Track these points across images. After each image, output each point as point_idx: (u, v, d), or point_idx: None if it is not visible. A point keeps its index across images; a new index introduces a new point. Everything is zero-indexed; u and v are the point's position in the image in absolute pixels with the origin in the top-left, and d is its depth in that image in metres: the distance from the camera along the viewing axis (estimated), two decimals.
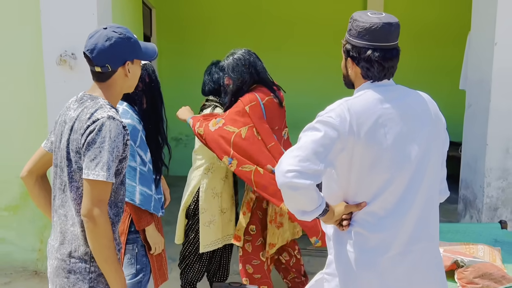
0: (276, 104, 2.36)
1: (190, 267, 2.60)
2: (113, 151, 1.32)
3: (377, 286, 1.38)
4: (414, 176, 1.35)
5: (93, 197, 1.30)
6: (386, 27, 1.34)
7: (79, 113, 1.38)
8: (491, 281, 2.22)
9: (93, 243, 1.33)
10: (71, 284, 1.38)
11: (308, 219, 1.35)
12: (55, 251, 1.43)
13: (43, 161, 1.55)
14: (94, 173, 1.30)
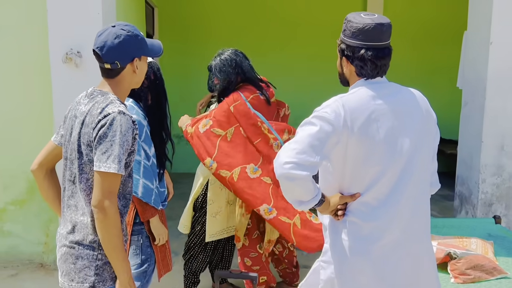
0: (263, 101, 2.46)
1: (195, 258, 2.68)
2: (123, 144, 1.37)
3: (370, 274, 1.45)
4: (406, 169, 1.43)
5: (104, 189, 1.36)
6: (378, 28, 1.41)
7: (90, 107, 1.43)
8: (483, 272, 2.29)
9: (103, 233, 1.38)
10: (77, 270, 1.43)
11: (305, 208, 1.43)
12: (64, 238, 1.49)
13: (53, 154, 1.59)
14: (106, 165, 1.35)
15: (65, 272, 1.46)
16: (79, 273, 1.43)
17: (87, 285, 1.41)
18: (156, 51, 1.57)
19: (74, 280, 1.43)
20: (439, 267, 2.44)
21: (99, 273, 1.43)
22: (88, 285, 1.41)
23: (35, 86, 3.19)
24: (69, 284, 1.44)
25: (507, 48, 3.17)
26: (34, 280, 3.13)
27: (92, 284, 1.41)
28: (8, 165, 3.27)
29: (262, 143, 2.39)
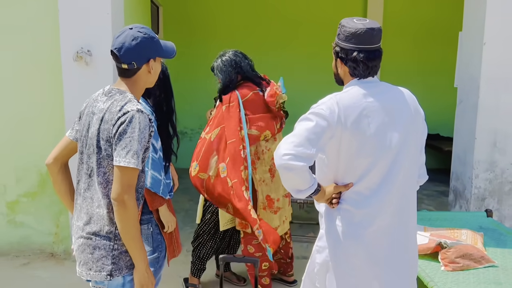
0: (262, 96, 2.61)
1: (203, 245, 2.81)
2: (141, 141, 1.44)
3: (363, 257, 1.59)
4: (395, 161, 1.56)
5: (123, 183, 1.42)
6: (369, 32, 1.54)
7: (109, 105, 1.50)
8: (471, 261, 2.42)
9: (122, 224, 1.44)
10: (95, 260, 1.50)
11: (302, 196, 1.57)
12: (80, 230, 1.55)
13: (68, 149, 1.65)
14: (125, 160, 1.41)
15: (83, 261, 1.54)
16: (96, 263, 1.50)
17: (105, 273, 1.49)
18: (170, 52, 1.64)
19: (92, 269, 1.51)
20: (431, 256, 2.58)
21: (115, 262, 1.51)
22: (105, 273, 1.49)
23: (47, 84, 3.32)
24: (87, 273, 1.52)
25: (500, 49, 3.29)
26: (45, 269, 3.27)
27: (109, 273, 1.50)
28: (21, 159, 3.40)
29: (234, 144, 2.53)
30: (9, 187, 3.43)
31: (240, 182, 2.47)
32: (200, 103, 6.14)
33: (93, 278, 1.52)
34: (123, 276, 1.53)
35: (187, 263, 3.34)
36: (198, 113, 6.29)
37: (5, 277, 3.12)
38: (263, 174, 2.64)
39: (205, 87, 5.99)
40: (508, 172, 3.44)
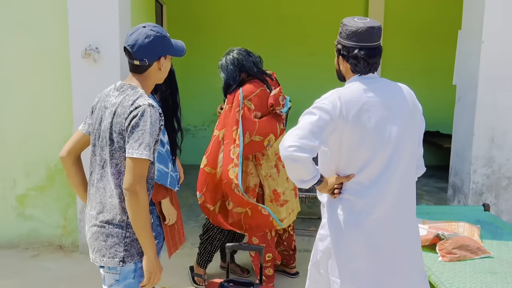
0: (268, 93, 2.68)
1: (213, 238, 2.88)
2: (152, 133, 1.50)
3: (363, 244, 1.67)
4: (394, 153, 1.64)
5: (136, 173, 1.47)
6: (369, 30, 1.62)
7: (121, 99, 1.56)
8: (468, 252, 2.51)
9: (133, 213, 1.50)
10: (108, 247, 1.57)
11: (305, 186, 1.65)
12: (94, 219, 1.62)
13: (81, 143, 1.72)
14: (138, 152, 1.47)
15: (96, 248, 1.61)
16: (109, 249, 1.58)
17: (117, 259, 1.57)
18: (180, 51, 1.71)
19: (105, 255, 1.58)
20: (429, 248, 2.67)
21: (127, 249, 1.58)
22: (118, 259, 1.57)
23: (55, 80, 3.39)
24: (100, 260, 1.60)
25: (498, 47, 3.36)
26: (54, 261, 3.36)
27: (121, 259, 1.57)
28: (30, 153, 3.49)
29: (227, 145, 2.62)
30: (18, 181, 3.52)
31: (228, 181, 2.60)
32: (202, 101, 6.23)
33: (106, 264, 1.59)
34: (134, 263, 1.60)
35: (192, 255, 3.43)
36: (201, 110, 6.38)
37: (15, 269, 3.21)
38: (269, 169, 2.72)
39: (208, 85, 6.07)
40: (506, 167, 3.52)
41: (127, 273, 1.60)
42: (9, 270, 3.19)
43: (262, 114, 2.67)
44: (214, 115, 6.88)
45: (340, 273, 1.69)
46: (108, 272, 1.61)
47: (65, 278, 3.08)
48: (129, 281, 1.60)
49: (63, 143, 3.54)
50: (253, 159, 2.73)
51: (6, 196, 3.53)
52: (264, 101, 2.67)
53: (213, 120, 6.57)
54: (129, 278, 1.60)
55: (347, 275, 1.68)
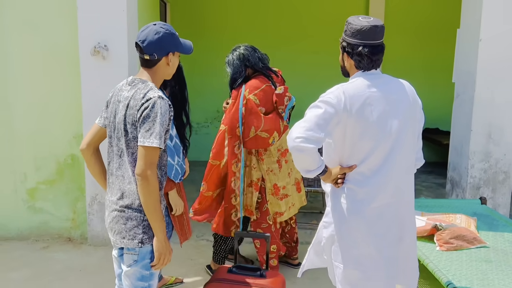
0: (273, 90, 2.78)
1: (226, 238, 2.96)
2: (163, 123, 1.62)
3: (365, 231, 1.77)
4: (394, 145, 1.74)
5: (147, 160, 1.58)
6: (373, 29, 1.71)
7: (133, 93, 1.67)
8: (464, 242, 2.61)
9: (145, 198, 1.61)
10: (127, 229, 1.69)
11: (311, 176, 1.75)
12: (114, 204, 1.73)
13: (98, 135, 1.84)
14: (149, 141, 1.58)
15: (116, 231, 1.72)
16: (129, 232, 1.69)
17: (136, 241, 1.68)
18: (187, 49, 1.84)
19: (125, 237, 1.69)
20: (427, 238, 2.77)
21: (145, 231, 1.69)
22: (137, 241, 1.68)
23: (65, 77, 3.49)
24: (121, 241, 1.71)
25: (495, 45, 3.47)
26: (64, 252, 3.46)
27: (140, 240, 1.68)
28: (40, 148, 3.58)
29: (231, 140, 2.73)
30: (29, 175, 3.62)
31: (230, 174, 2.73)
32: (205, 98, 6.32)
33: (126, 245, 1.70)
34: (151, 244, 1.71)
35: (197, 247, 3.55)
36: (204, 107, 6.46)
37: (27, 260, 3.32)
38: (271, 164, 2.81)
39: (211, 82, 6.20)
40: (502, 162, 3.62)
41: (145, 254, 1.70)
42: (21, 261, 3.29)
43: (266, 110, 2.76)
44: (217, 112, 7.01)
45: (343, 259, 1.79)
46: (127, 253, 1.71)
47: (75, 269, 3.18)
48: (146, 261, 1.71)
49: (73, 138, 3.66)
50: (256, 154, 2.83)
51: (17, 189, 3.63)
52: (269, 97, 2.76)
53: (215, 117, 6.66)
54: (146, 259, 1.71)
55: (349, 260, 1.78)
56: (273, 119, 2.75)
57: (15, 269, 3.16)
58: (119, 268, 1.83)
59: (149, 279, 1.73)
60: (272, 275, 1.95)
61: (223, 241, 2.99)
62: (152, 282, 1.75)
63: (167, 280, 2.89)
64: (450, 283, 2.16)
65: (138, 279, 1.72)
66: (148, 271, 1.72)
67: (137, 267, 1.71)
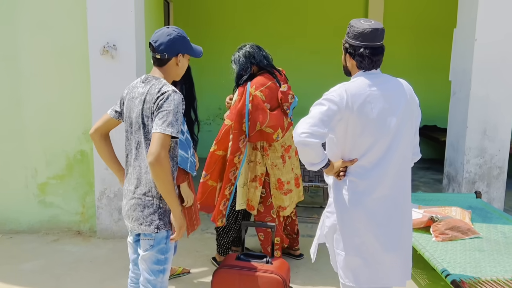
0: (278, 87, 2.90)
1: (229, 229, 3.07)
2: (176, 114, 1.73)
3: (365, 220, 1.89)
4: (393, 140, 1.86)
5: (159, 144, 1.67)
6: (374, 32, 1.83)
7: (148, 88, 1.80)
8: (459, 233, 2.74)
9: (159, 180, 1.70)
10: (144, 216, 1.81)
11: (315, 169, 1.87)
12: (131, 193, 1.86)
13: (107, 124, 1.97)
14: (161, 128, 1.69)
15: (134, 218, 1.84)
16: (146, 218, 1.81)
17: (153, 227, 1.80)
18: (197, 53, 1.97)
19: (142, 224, 1.82)
20: (424, 229, 2.91)
21: (161, 218, 1.81)
22: (154, 227, 1.80)
23: (75, 76, 3.60)
24: (138, 227, 1.83)
25: (490, 44, 3.59)
26: (74, 244, 3.58)
27: (156, 226, 1.81)
28: (50, 144, 3.70)
29: (237, 135, 2.84)
30: (39, 170, 3.74)
31: (230, 165, 2.84)
32: (208, 96, 6.43)
33: (143, 231, 1.82)
34: (166, 230, 1.83)
35: (202, 240, 3.68)
36: (206, 105, 6.58)
37: (39, 251, 3.44)
38: (276, 159, 2.93)
39: (213, 81, 6.32)
40: (497, 158, 3.75)
41: (160, 239, 1.83)
42: (33, 252, 3.42)
43: (271, 107, 2.87)
44: (219, 110, 7.13)
45: (344, 246, 1.92)
46: (144, 238, 1.84)
47: (85, 260, 3.30)
48: (162, 246, 1.84)
49: (82, 135, 3.79)
50: (261, 149, 2.95)
51: (28, 184, 3.75)
52: (274, 94, 2.87)
53: (217, 115, 6.79)
54: (161, 244, 1.83)
55: (351, 248, 1.91)
56: (278, 115, 2.86)
57: (28, 260, 3.28)
58: (134, 254, 1.96)
59: (164, 263, 1.86)
60: (278, 261, 2.07)
61: (225, 233, 3.11)
62: (166, 266, 1.87)
63: (174, 270, 3.02)
64: (445, 270, 2.30)
65: (154, 262, 1.84)
66: (163, 255, 1.85)
67: (153, 252, 1.83)
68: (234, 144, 2.83)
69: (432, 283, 2.91)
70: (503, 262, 2.41)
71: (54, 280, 2.98)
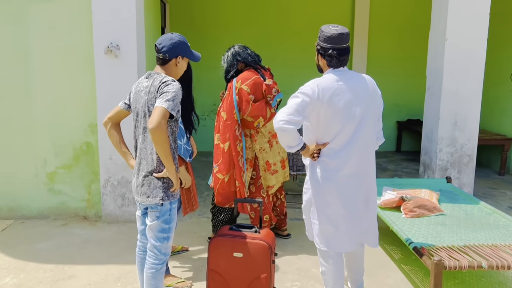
0: (262, 81, 3.25)
1: (223, 209, 3.41)
2: (174, 97, 2.02)
3: (335, 193, 2.24)
4: (358, 127, 2.21)
5: (160, 115, 1.97)
6: (340, 36, 2.18)
7: (152, 81, 2.13)
8: (426, 210, 3.11)
9: (158, 144, 1.99)
10: (151, 190, 2.13)
11: (293, 151, 2.22)
12: (140, 171, 2.19)
13: (118, 114, 2.31)
14: (161, 103, 1.99)
15: (142, 193, 2.17)
16: (152, 192, 2.13)
17: (158, 198, 2.14)
18: (196, 58, 2.30)
19: (150, 196, 2.15)
20: (395, 209, 3.27)
21: (165, 191, 2.14)
22: (159, 199, 2.14)
23: (81, 73, 3.91)
24: (146, 200, 2.16)
25: (459, 44, 3.94)
26: (81, 228, 3.91)
27: (161, 198, 2.14)
28: (59, 136, 4.02)
29: (231, 125, 3.19)
30: (48, 160, 4.06)
31: (236, 154, 3.18)
32: (202, 93, 6.76)
33: (150, 202, 2.15)
34: (169, 202, 2.18)
35: (199, 223, 4.02)
36: (201, 101, 6.90)
37: (50, 234, 3.77)
38: (263, 144, 3.29)
39: (207, 78, 6.66)
40: (466, 146, 4.11)
41: (165, 211, 2.17)
42: (45, 235, 3.75)
43: (256, 98, 3.22)
44: (214, 105, 7.48)
45: (318, 216, 2.27)
46: (151, 210, 2.17)
47: (93, 241, 3.64)
48: (166, 217, 2.18)
49: (88, 127, 4.13)
50: (249, 136, 3.31)
51: (38, 173, 4.07)
52: (259, 87, 3.23)
53: (212, 110, 7.12)
54: (166, 215, 2.18)
55: (324, 217, 2.26)
56: (260, 106, 3.21)
57: (41, 241, 3.61)
58: (142, 225, 2.30)
59: (168, 231, 2.20)
60: (264, 231, 2.42)
61: (219, 213, 3.46)
62: (170, 234, 2.21)
63: (174, 247, 3.36)
64: (408, 239, 2.66)
65: (159, 231, 2.18)
66: (167, 225, 2.19)
67: (159, 221, 2.17)
68: (231, 134, 3.17)
69: (404, 257, 3.28)
70: (460, 234, 2.78)
71: (67, 257, 3.32)
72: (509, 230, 2.83)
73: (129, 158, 2.35)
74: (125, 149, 2.35)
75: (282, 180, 3.44)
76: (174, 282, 2.81)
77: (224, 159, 3.21)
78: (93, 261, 3.25)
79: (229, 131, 3.18)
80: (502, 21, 5.88)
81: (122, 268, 3.13)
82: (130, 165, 2.35)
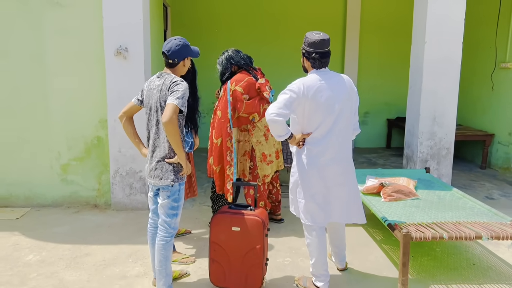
0: (255, 81, 3.61)
1: (221, 196, 3.78)
2: (183, 95, 2.38)
3: (317, 176, 2.61)
4: (336, 119, 2.58)
5: (172, 111, 2.30)
6: (322, 41, 2.55)
7: (163, 81, 2.49)
8: (402, 195, 3.49)
9: (170, 134, 2.32)
10: (163, 173, 2.47)
11: (282, 139, 2.59)
12: (153, 158, 2.53)
13: (131, 109, 2.66)
14: (172, 100, 2.32)
15: (155, 175, 2.50)
16: (164, 174, 2.47)
17: (169, 180, 2.48)
18: (196, 54, 2.65)
19: (162, 179, 2.49)
20: (376, 194, 3.65)
21: (175, 174, 2.48)
22: (170, 180, 2.48)
23: (93, 73, 4.27)
24: (159, 181, 2.50)
25: (437, 46, 4.31)
26: (93, 215, 4.27)
27: (172, 180, 2.48)
28: (71, 131, 4.38)
29: (225, 123, 3.57)
30: (62, 153, 4.42)
31: (225, 149, 3.55)
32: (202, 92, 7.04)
33: (163, 184, 2.50)
34: (179, 184, 2.54)
35: (200, 211, 4.40)
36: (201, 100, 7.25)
37: (64, 220, 4.14)
38: (259, 137, 3.67)
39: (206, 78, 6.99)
40: (445, 140, 4.49)
41: (175, 192, 2.53)
42: (60, 220, 4.12)
43: (249, 96, 3.59)
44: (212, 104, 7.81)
45: (304, 196, 2.65)
46: (163, 191, 2.53)
47: (104, 226, 4.01)
48: (175, 196, 2.54)
49: (98, 123, 4.52)
50: (246, 130, 3.68)
51: (53, 165, 4.44)
52: (252, 87, 3.59)
53: (211, 109, 7.46)
54: (175, 195, 2.54)
55: (308, 196, 2.64)
56: (253, 104, 3.57)
57: (57, 226, 3.98)
58: (153, 205, 2.67)
59: (177, 209, 2.57)
60: (259, 210, 2.79)
61: (218, 199, 3.83)
62: (178, 211, 2.58)
63: (179, 230, 3.74)
64: (384, 217, 3.04)
65: (169, 208, 2.55)
66: (176, 203, 2.55)
67: (169, 200, 2.53)
68: (224, 130, 3.55)
69: (385, 239, 3.66)
70: (431, 214, 3.16)
71: (81, 239, 3.69)
72: (474, 211, 3.21)
73: (141, 148, 2.71)
74: (138, 140, 2.71)
75: (276, 168, 3.81)
76: (179, 258, 3.19)
77: (215, 153, 3.59)
78: (105, 242, 3.62)
79: (222, 128, 3.56)
80: (481, 24, 6.26)
81: (133, 247, 3.50)
82: (142, 153, 2.71)
